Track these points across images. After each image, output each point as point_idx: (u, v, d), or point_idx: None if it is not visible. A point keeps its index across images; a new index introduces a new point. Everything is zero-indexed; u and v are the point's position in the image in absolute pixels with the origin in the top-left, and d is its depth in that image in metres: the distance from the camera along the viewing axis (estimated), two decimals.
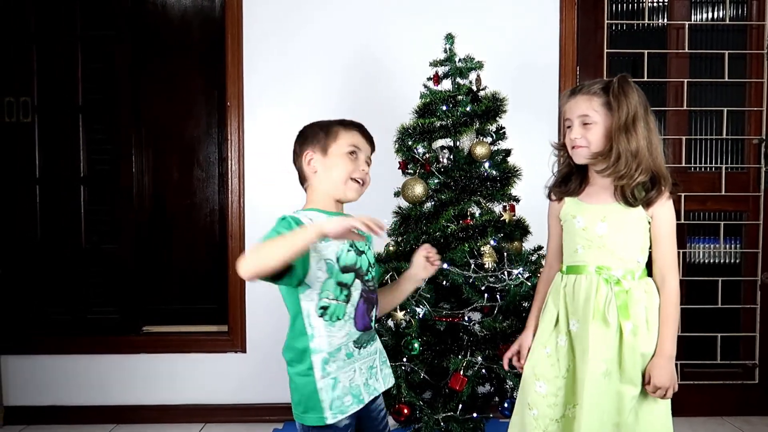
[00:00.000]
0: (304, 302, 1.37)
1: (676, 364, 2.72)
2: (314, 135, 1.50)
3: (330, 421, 1.36)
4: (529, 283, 1.95)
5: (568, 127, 1.53)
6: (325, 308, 1.37)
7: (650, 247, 1.53)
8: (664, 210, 1.50)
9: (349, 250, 1.40)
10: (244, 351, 2.71)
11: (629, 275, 1.49)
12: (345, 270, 1.39)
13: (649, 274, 1.54)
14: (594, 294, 1.49)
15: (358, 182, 1.47)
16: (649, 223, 1.51)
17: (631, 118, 1.46)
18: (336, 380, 1.37)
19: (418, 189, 1.99)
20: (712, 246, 2.80)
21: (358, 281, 1.42)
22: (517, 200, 2.12)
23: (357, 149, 1.48)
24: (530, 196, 2.17)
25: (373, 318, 1.48)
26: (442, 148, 2.09)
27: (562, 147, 1.59)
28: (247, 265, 1.23)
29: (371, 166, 1.53)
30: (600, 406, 1.47)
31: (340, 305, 1.38)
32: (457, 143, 2.09)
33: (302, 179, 1.54)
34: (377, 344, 1.50)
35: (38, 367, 2.72)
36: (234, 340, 2.72)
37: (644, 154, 1.46)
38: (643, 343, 1.48)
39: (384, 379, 1.50)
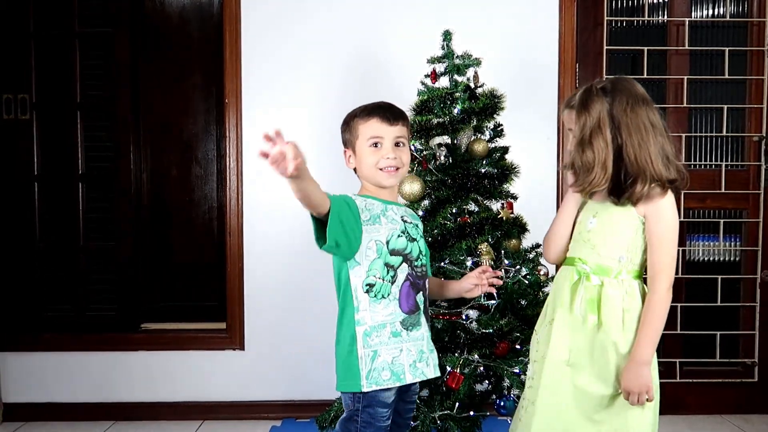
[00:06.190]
0: (353, 278, 1.47)
1: (675, 363, 2.74)
2: (344, 133, 1.58)
3: (365, 389, 1.44)
4: (527, 281, 1.94)
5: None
6: (371, 285, 1.46)
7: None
8: (655, 209, 1.44)
9: (399, 236, 1.50)
10: (242, 348, 2.71)
11: (603, 272, 1.49)
12: (393, 253, 1.48)
13: None
14: (569, 285, 1.52)
15: (388, 170, 1.51)
16: (644, 223, 1.47)
17: (588, 133, 1.46)
18: (376, 353, 1.45)
19: (416, 186, 1.98)
20: (711, 244, 2.79)
21: (405, 265, 1.50)
22: (515, 198, 2.11)
23: (378, 138, 1.51)
24: (528, 194, 2.17)
25: (421, 303, 1.53)
26: (440, 145, 2.08)
27: None
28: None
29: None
30: (556, 392, 1.49)
31: (386, 285, 1.47)
32: (455, 140, 2.08)
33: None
34: (425, 331, 1.54)
35: (37, 364, 2.72)
36: (232, 338, 2.71)
37: (604, 163, 1.44)
38: (618, 343, 1.46)
39: (434, 367, 1.55)
